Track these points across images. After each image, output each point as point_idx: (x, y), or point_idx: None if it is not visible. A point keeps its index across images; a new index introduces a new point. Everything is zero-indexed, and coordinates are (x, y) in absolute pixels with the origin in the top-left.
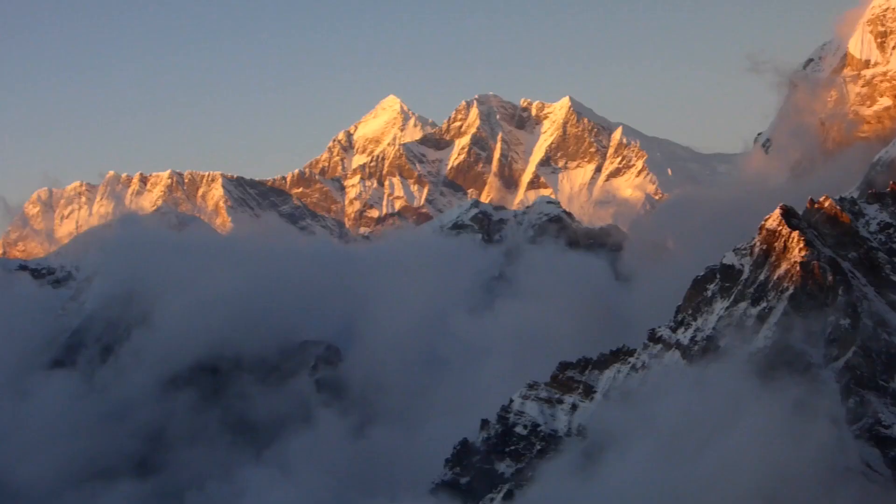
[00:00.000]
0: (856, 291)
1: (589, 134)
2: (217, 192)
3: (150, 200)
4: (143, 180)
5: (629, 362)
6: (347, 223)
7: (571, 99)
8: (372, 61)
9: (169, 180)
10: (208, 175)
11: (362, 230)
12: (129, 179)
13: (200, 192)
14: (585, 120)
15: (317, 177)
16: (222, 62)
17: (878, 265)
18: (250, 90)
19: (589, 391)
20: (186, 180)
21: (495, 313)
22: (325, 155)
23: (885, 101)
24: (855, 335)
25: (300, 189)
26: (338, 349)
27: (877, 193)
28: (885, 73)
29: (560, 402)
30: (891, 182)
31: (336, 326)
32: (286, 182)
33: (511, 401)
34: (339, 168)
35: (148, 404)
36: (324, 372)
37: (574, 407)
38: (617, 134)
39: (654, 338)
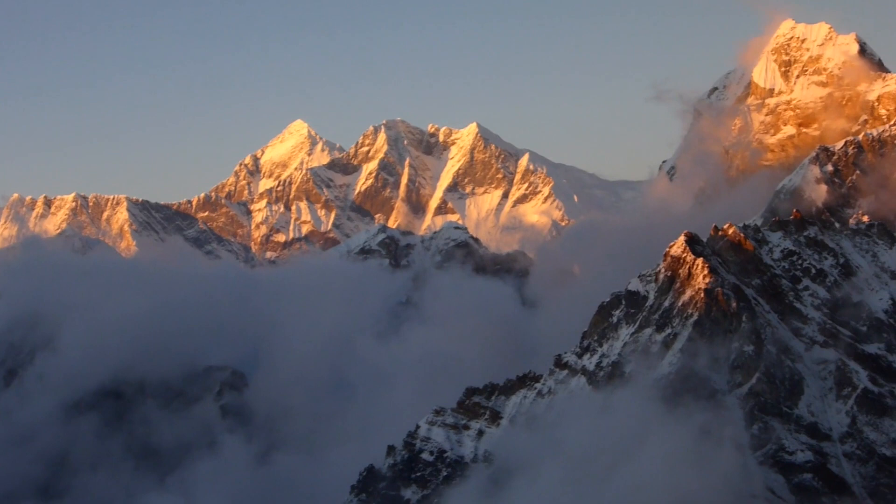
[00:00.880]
0: (759, 318)
1: (496, 160)
2: (122, 215)
3: (54, 224)
4: (48, 203)
5: (535, 388)
6: (254, 248)
7: (479, 125)
8: (279, 86)
9: (73, 203)
10: (113, 198)
11: (269, 255)
12: (34, 202)
13: (105, 215)
14: (493, 146)
15: (223, 201)
16: (128, 85)
17: (782, 292)
18: (156, 113)
19: (495, 417)
20: (91, 203)
21: (402, 339)
22: (232, 179)
23: (789, 130)
24: (758, 362)
25: (206, 213)
26: (243, 374)
27: (780, 221)
28: (788, 102)
29: (466, 427)
30: (794, 210)
31: (241, 351)
32: (192, 206)
33: (417, 427)
34: (246, 192)
35: (51, 429)
36: (228, 397)
37: (480, 433)
38: (524, 160)
39: (560, 363)
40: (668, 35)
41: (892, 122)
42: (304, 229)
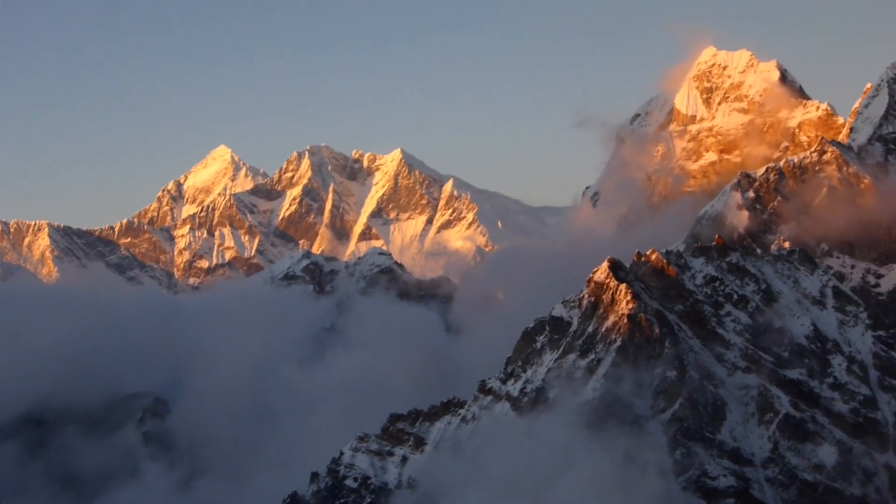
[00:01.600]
0: (682, 344)
1: (420, 186)
2: (43, 241)
3: None
4: None
5: (460, 414)
6: (176, 274)
7: (403, 151)
8: (203, 111)
9: None
10: (34, 224)
11: (192, 281)
12: None
13: (26, 241)
14: (417, 172)
15: (146, 227)
16: (50, 109)
17: (704, 318)
18: (79, 139)
19: (419, 443)
20: (12, 229)
21: (326, 365)
22: (155, 205)
23: (711, 156)
24: (681, 387)
25: (128, 239)
26: (165, 401)
27: (702, 247)
28: (710, 129)
29: (390, 454)
30: (716, 236)
31: (164, 378)
32: (114, 232)
33: (341, 453)
34: (169, 218)
35: None
36: (151, 424)
37: (404, 459)
38: (448, 186)
39: (484, 389)
40: (591, 62)
41: (812, 149)
42: (228, 255)
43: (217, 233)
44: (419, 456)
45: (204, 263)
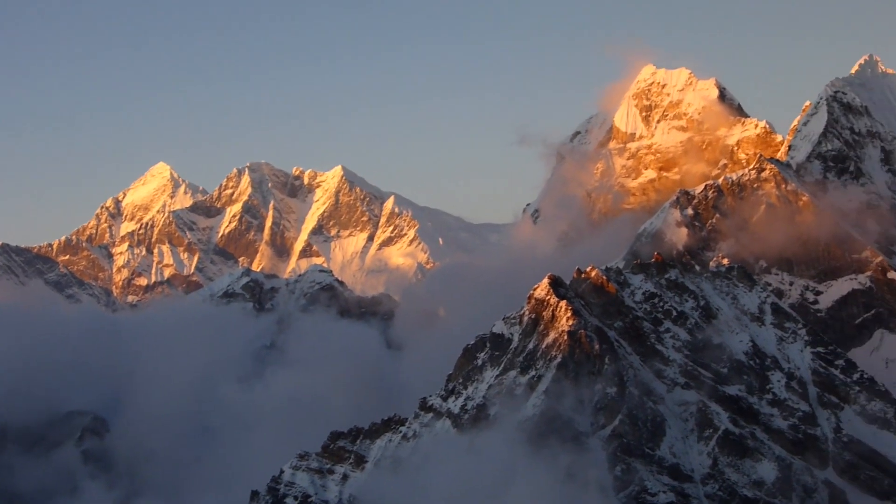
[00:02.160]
0: (622, 360)
1: (361, 203)
2: None
3: None
4: None
5: (400, 431)
6: (115, 291)
7: (344, 168)
8: (141, 128)
9: None
10: None
11: (130, 298)
12: None
13: None
14: (358, 189)
15: (84, 244)
16: None
17: (644, 334)
18: (15, 155)
19: (360, 461)
20: None
21: (266, 383)
22: (93, 222)
23: (650, 174)
24: (621, 404)
25: (67, 256)
26: (104, 420)
27: (642, 264)
28: (649, 146)
29: (331, 472)
30: (655, 253)
31: (103, 396)
32: (52, 249)
33: (281, 471)
34: (107, 235)
35: None
36: (90, 443)
37: (345, 477)
38: (389, 203)
39: (425, 406)
40: (531, 79)
41: (751, 167)
42: (167, 273)
43: (156, 250)
44: (360, 474)
45: (143, 281)
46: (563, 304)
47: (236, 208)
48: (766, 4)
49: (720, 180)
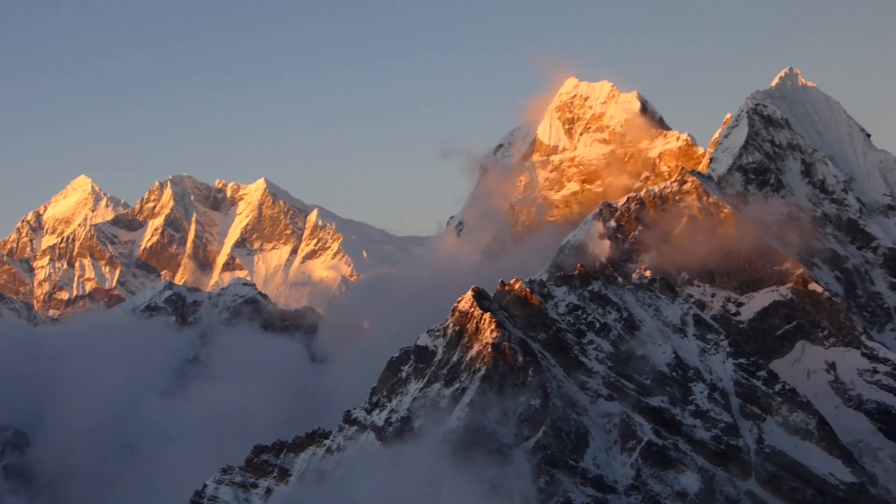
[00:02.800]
0: (546, 372)
1: (284, 216)
2: None
3: None
4: None
5: (324, 444)
6: (36, 305)
7: (267, 181)
8: (63, 141)
9: None
10: None
11: (52, 312)
12: None
13: None
14: (281, 202)
15: (4, 258)
16: None
17: (567, 346)
18: None
19: (284, 474)
20: None
21: (189, 397)
22: (14, 236)
23: (573, 186)
24: (545, 415)
25: None
26: (25, 434)
27: (565, 276)
28: (572, 159)
29: (255, 486)
30: (578, 265)
31: (24, 411)
32: None
33: (205, 486)
34: (28, 249)
35: None
36: (11, 458)
37: (269, 491)
38: (312, 216)
39: (349, 419)
40: (454, 92)
41: (673, 179)
42: (88, 286)
43: (77, 264)
44: (284, 487)
45: (64, 295)
46: (487, 316)
47: (158, 221)
48: (687, 18)
49: (642, 192)
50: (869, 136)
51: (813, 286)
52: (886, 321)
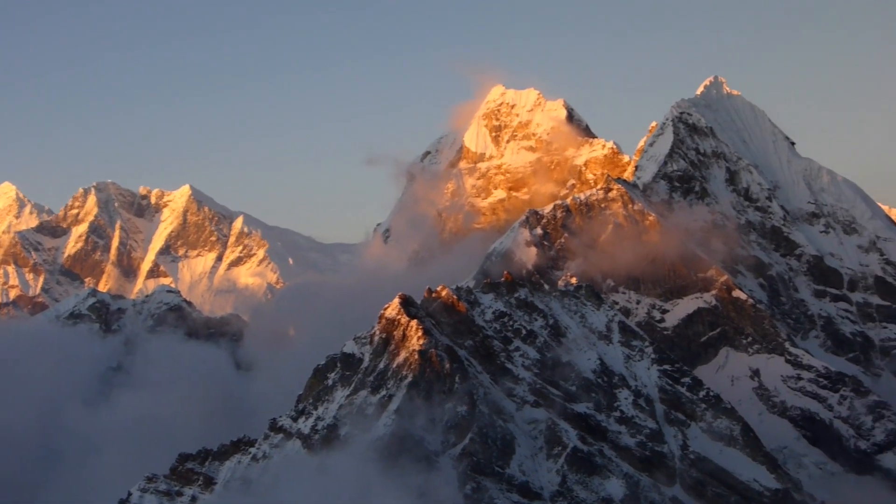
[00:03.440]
0: (472, 379)
1: (210, 222)
2: None
3: None
4: None
5: (250, 452)
6: None
7: (192, 187)
8: None
9: None
10: None
11: None
12: None
13: None
14: (206, 208)
15: None
16: None
17: (494, 353)
18: None
19: (209, 483)
20: None
21: (112, 405)
22: None
23: (500, 194)
24: (472, 422)
25: None
26: None
27: (492, 283)
28: (499, 166)
29: (180, 494)
30: (505, 272)
31: None
32: None
33: (129, 494)
34: None
35: None
36: None
37: (194, 499)
38: (238, 223)
39: (275, 427)
40: (381, 99)
41: (598, 187)
42: (12, 294)
43: (1, 271)
44: (209, 496)
45: None
46: (413, 323)
47: (82, 228)
48: (613, 26)
49: (568, 200)
50: (793, 144)
51: (737, 293)
52: (810, 328)
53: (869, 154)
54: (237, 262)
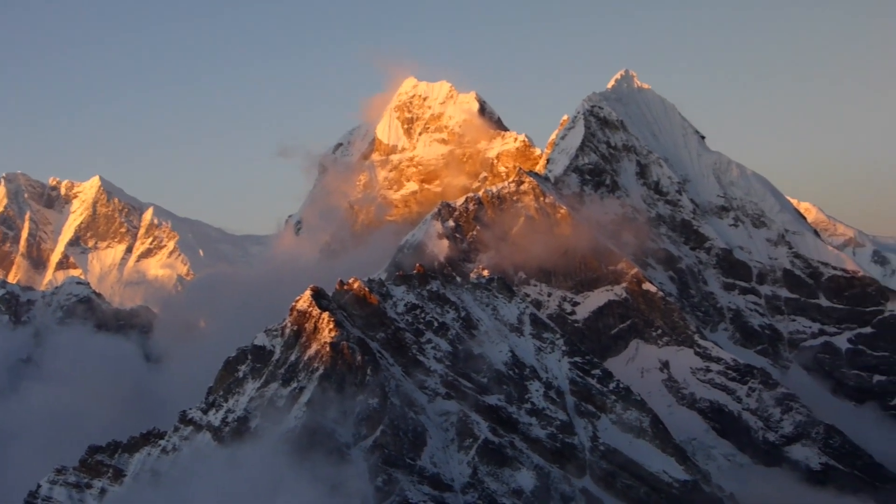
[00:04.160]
0: (384, 371)
1: (120, 214)
2: None
3: None
4: None
5: (160, 445)
6: None
7: (102, 178)
8: None
9: None
10: None
11: None
12: None
13: None
14: (116, 200)
15: None
16: None
17: (406, 346)
18: None
19: (119, 475)
20: None
21: (22, 397)
22: None
23: (412, 186)
24: (383, 415)
25: None
26: None
27: (404, 275)
28: (411, 159)
29: (89, 486)
30: (417, 264)
31: None
32: None
33: (39, 486)
34: None
35: None
36: None
37: (103, 491)
38: (148, 214)
39: (185, 419)
40: (293, 90)
41: (510, 179)
42: None
43: None
44: (118, 488)
45: None
46: (325, 315)
47: None
48: (524, 19)
49: (481, 193)
50: (703, 137)
51: (647, 286)
52: (719, 321)
53: (778, 148)
54: (147, 253)
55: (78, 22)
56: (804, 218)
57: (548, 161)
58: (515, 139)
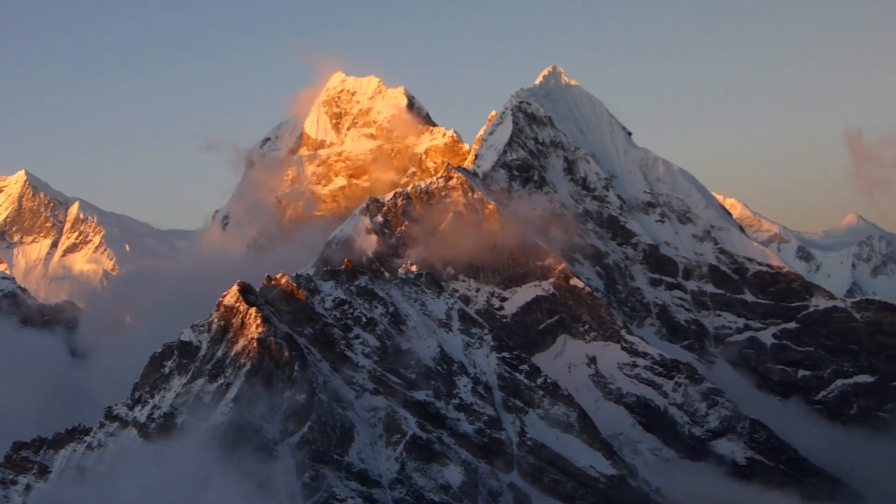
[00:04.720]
0: (312, 367)
1: (45, 208)
2: None
3: None
4: None
5: (85, 441)
6: None
7: (27, 172)
8: None
9: None
10: None
11: None
12: None
13: None
14: (42, 194)
15: None
16: None
17: (333, 341)
18: None
19: (44, 471)
20: None
21: None
22: None
23: (341, 181)
24: (310, 410)
25: None
26: None
27: (332, 271)
28: (339, 154)
29: (14, 482)
30: (345, 260)
31: None
32: None
33: None
34: None
35: None
36: None
37: (28, 487)
38: (74, 209)
39: (110, 415)
40: (220, 85)
41: (439, 175)
42: None
43: None
44: (43, 484)
45: None
46: (252, 311)
47: None
48: (453, 14)
49: (409, 188)
50: (630, 134)
51: (574, 281)
52: (646, 316)
53: (704, 144)
54: (73, 248)
55: (4, 14)
56: (730, 214)
57: (476, 157)
58: (444, 134)
